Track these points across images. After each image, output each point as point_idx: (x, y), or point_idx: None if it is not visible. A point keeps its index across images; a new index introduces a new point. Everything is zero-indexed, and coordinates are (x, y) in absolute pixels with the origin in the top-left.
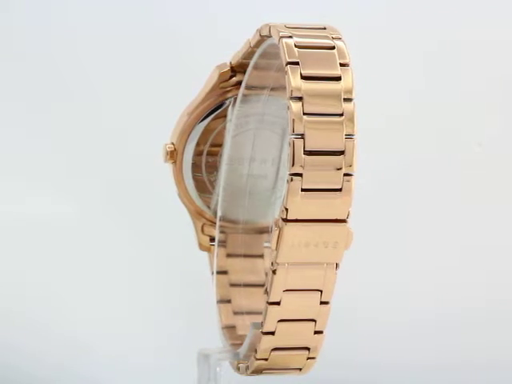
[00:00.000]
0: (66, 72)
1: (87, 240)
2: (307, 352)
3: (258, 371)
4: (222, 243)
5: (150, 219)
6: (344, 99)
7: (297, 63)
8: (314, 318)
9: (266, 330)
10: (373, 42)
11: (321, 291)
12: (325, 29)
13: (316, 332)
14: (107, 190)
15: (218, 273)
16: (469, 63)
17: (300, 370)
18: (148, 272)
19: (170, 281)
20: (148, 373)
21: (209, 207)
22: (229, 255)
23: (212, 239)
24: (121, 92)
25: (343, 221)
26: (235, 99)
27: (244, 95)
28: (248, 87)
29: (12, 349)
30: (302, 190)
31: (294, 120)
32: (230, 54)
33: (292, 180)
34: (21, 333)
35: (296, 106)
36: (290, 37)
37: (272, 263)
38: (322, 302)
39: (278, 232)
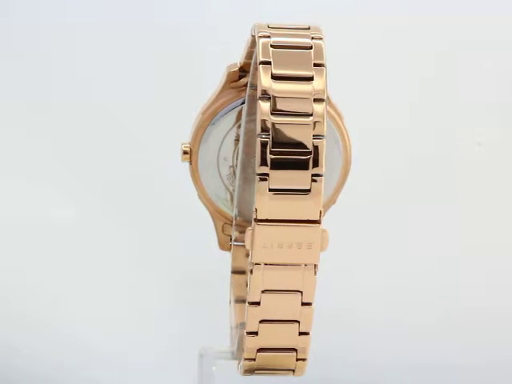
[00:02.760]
0: (67, 72)
1: (87, 240)
2: (295, 353)
3: (250, 371)
4: (243, 243)
5: (150, 219)
6: (314, 99)
7: (269, 63)
8: (297, 319)
9: (248, 330)
10: (373, 42)
11: (301, 292)
12: (308, 29)
13: (301, 333)
14: (107, 190)
15: (235, 273)
16: (468, 63)
17: (293, 371)
18: (148, 272)
19: (169, 281)
20: (148, 372)
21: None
22: (248, 255)
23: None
24: (121, 92)
25: (315, 221)
26: None
27: (250, 96)
28: (253, 87)
29: (12, 349)
30: (270, 190)
31: (261, 119)
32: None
33: (260, 180)
34: (21, 333)
35: (265, 106)
36: (268, 36)
37: (249, 263)
38: (303, 303)
39: (250, 232)
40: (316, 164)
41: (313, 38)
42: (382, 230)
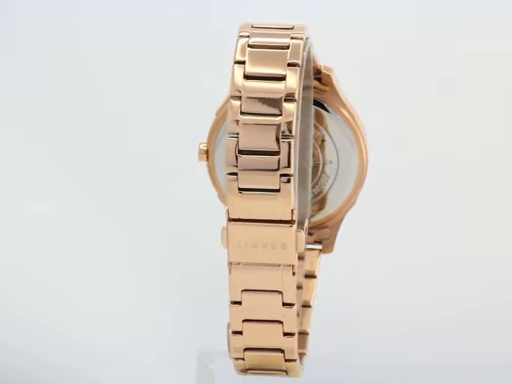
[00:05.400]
0: (67, 72)
1: (87, 240)
2: (281, 354)
3: (243, 371)
4: None
5: (151, 219)
6: (285, 99)
7: (243, 62)
8: (280, 320)
9: (233, 329)
10: (377, 44)
11: (281, 293)
12: (292, 28)
13: (285, 334)
14: (107, 189)
15: None
16: (472, 62)
17: (286, 372)
18: (148, 271)
19: (169, 280)
20: (148, 372)
21: None
22: None
23: None
24: (121, 92)
25: (288, 222)
26: None
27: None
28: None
29: (12, 349)
30: (240, 189)
31: (231, 119)
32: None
33: (229, 179)
34: (21, 333)
35: (235, 105)
36: (248, 36)
37: (227, 263)
38: (284, 304)
39: (225, 231)
40: (285, 164)
41: (292, 38)
42: (382, 229)
